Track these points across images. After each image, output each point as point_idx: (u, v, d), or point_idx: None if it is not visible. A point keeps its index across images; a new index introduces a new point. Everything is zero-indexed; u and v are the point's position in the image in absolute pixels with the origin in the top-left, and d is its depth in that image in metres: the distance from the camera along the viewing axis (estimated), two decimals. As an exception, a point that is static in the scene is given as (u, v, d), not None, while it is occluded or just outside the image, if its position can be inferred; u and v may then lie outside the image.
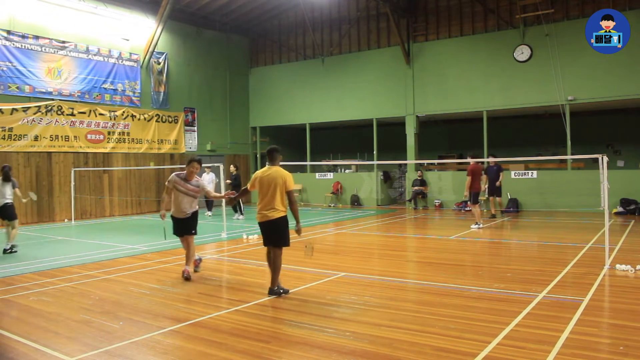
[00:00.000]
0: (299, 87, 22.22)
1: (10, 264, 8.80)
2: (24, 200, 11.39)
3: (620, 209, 15.21)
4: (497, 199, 15.11)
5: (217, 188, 16.34)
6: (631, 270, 7.24)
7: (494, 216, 14.68)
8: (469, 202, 13.52)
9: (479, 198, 13.42)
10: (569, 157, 15.77)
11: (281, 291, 6.35)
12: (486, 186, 14.64)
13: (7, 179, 10.17)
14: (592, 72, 16.14)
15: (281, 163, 6.70)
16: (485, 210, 15.91)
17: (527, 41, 17.13)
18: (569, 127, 16.41)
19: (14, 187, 10.32)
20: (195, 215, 7.65)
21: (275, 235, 6.40)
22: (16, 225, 10.27)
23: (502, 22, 17.74)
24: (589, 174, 15.84)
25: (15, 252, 10.05)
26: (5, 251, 9.96)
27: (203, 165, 16.01)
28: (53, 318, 5.64)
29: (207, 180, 16.41)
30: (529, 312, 5.44)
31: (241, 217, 16.26)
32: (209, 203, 17.17)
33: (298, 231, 6.38)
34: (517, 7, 16.87)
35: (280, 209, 6.32)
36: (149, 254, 9.79)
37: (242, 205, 16.79)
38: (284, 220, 6.36)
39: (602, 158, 8.06)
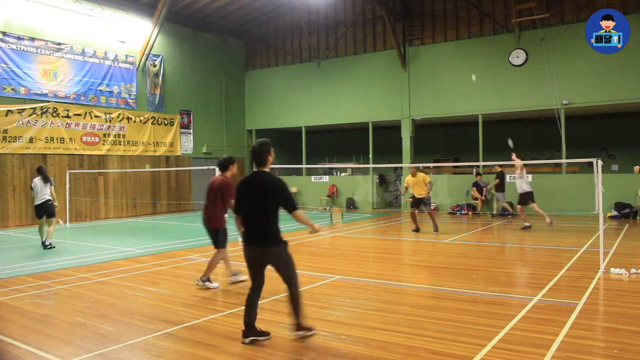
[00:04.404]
0: (295, 90, 22.23)
1: (5, 267, 8.76)
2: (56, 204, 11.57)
3: (614, 213, 15.27)
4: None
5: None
6: (625, 274, 7.27)
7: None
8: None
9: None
10: (563, 160, 15.84)
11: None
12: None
13: (46, 180, 10.90)
14: (587, 77, 16.23)
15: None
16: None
17: (522, 45, 17.22)
18: (564, 131, 16.48)
19: (51, 185, 11.02)
20: None
21: None
22: (54, 223, 10.89)
23: (497, 26, 17.82)
24: (583, 178, 15.93)
25: (54, 247, 10.64)
26: (46, 246, 10.63)
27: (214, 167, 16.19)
28: (47, 321, 5.61)
29: None
30: (524, 315, 5.46)
31: None
32: None
33: None
34: (513, 11, 16.96)
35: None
36: (144, 256, 9.76)
37: None
38: None
39: (597, 162, 8.10)
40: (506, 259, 9.45)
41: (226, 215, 7.01)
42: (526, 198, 12.92)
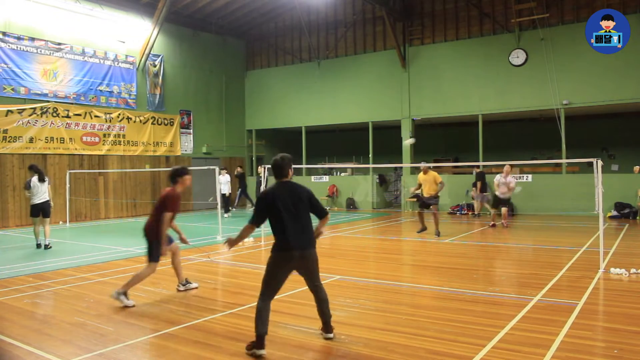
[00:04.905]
0: (295, 90, 22.23)
1: (4, 267, 8.76)
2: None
3: (614, 213, 15.26)
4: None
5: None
6: (625, 274, 7.27)
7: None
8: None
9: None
10: (563, 160, 15.84)
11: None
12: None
13: (43, 178, 10.84)
14: (587, 77, 16.23)
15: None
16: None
17: (522, 45, 17.21)
18: (564, 131, 16.47)
19: (48, 184, 11.04)
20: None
21: None
22: (49, 222, 10.95)
23: (497, 26, 17.81)
24: (583, 178, 15.93)
25: (51, 247, 10.75)
26: (46, 247, 10.68)
27: (219, 168, 16.48)
28: (47, 321, 5.61)
29: (223, 181, 17.13)
30: (524, 315, 5.46)
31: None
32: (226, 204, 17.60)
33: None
34: (513, 11, 16.96)
35: None
36: (144, 256, 9.73)
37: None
38: None
39: (597, 162, 8.11)
40: (506, 259, 9.45)
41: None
42: (501, 202, 13.60)
